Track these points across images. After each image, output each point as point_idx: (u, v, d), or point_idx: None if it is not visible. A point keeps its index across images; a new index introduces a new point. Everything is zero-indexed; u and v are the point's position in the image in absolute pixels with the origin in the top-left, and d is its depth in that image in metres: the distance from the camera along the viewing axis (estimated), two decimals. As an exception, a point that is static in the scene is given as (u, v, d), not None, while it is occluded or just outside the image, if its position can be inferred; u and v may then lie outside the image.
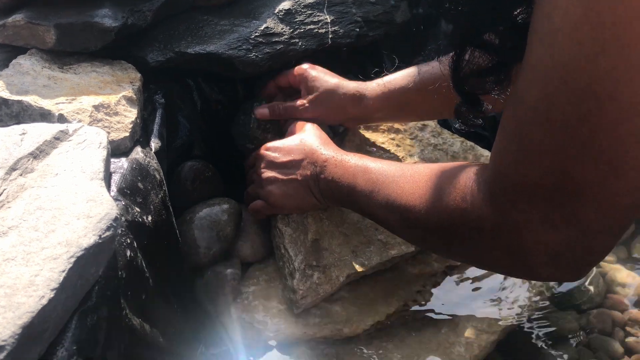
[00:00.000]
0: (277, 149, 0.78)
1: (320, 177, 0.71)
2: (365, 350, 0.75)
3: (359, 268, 0.75)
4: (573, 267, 0.44)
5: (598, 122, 0.37)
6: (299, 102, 0.84)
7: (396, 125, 0.91)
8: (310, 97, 0.83)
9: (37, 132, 0.57)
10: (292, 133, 0.80)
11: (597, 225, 0.41)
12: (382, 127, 0.90)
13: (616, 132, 0.37)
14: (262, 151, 0.79)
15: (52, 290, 0.42)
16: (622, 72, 0.35)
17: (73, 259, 0.45)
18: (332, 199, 0.72)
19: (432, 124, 0.92)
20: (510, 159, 0.43)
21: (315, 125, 0.80)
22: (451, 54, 0.49)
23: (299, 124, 0.81)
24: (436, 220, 0.53)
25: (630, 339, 0.80)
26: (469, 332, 0.77)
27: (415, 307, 0.79)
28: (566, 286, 0.86)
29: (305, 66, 0.85)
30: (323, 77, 0.83)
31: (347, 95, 0.82)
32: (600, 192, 0.39)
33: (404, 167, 0.61)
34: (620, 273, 0.89)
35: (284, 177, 0.75)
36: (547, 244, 0.42)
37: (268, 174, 0.77)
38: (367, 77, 1.03)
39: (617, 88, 0.36)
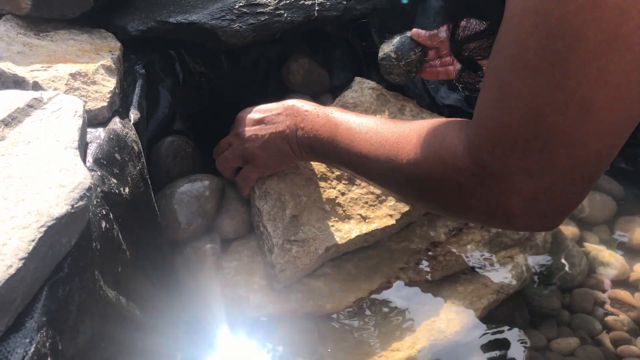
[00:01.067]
0: (256, 110, 0.76)
1: (300, 126, 0.70)
2: (346, 327, 0.75)
3: (338, 241, 0.75)
4: (548, 216, 0.46)
5: (567, 63, 0.38)
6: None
7: (374, 107, 0.89)
8: None
9: (10, 99, 0.55)
10: None
11: (572, 172, 0.42)
12: (360, 107, 0.89)
13: (584, 72, 0.38)
14: (240, 113, 0.78)
15: (20, 259, 0.41)
16: (588, 11, 0.36)
17: (43, 229, 0.44)
18: (309, 150, 0.70)
19: (410, 104, 0.91)
20: (490, 109, 0.45)
21: None
22: (448, 24, 0.50)
23: None
24: (417, 171, 0.53)
25: (609, 318, 0.81)
26: (450, 309, 0.77)
27: (398, 284, 0.79)
28: (549, 265, 0.86)
29: None
30: None
31: None
32: (573, 135, 0.40)
33: (388, 120, 0.61)
34: (603, 253, 0.89)
35: (263, 132, 0.73)
36: (524, 192, 0.44)
37: (248, 132, 0.75)
38: (355, 53, 1.02)
39: (584, 28, 0.37)
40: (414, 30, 0.81)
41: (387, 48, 0.84)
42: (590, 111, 0.39)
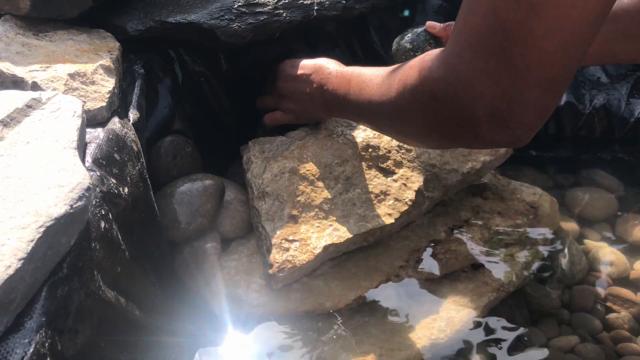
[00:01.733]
0: (293, 63, 0.84)
1: (324, 88, 0.76)
2: (346, 326, 0.75)
3: (336, 240, 0.75)
4: (510, 125, 0.47)
5: None
6: None
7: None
8: None
9: (8, 100, 0.55)
10: None
11: (527, 74, 0.44)
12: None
13: None
14: (281, 65, 0.86)
15: (19, 260, 0.41)
16: None
17: (42, 229, 0.44)
18: (335, 109, 0.77)
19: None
20: (461, 14, 0.47)
21: None
22: None
23: None
24: (403, 95, 0.56)
25: (610, 316, 0.81)
26: (450, 307, 0.77)
27: (398, 282, 0.79)
28: (549, 263, 0.86)
29: None
30: None
31: None
32: (524, 32, 0.43)
33: (391, 68, 0.63)
34: (603, 250, 0.89)
35: (296, 91, 0.82)
36: (485, 96, 0.46)
37: (285, 87, 0.84)
38: (353, 52, 1.02)
39: None
40: (429, 22, 0.86)
41: (402, 40, 0.87)
42: (536, 6, 0.41)
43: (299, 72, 0.82)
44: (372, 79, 0.66)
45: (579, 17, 0.42)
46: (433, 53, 0.52)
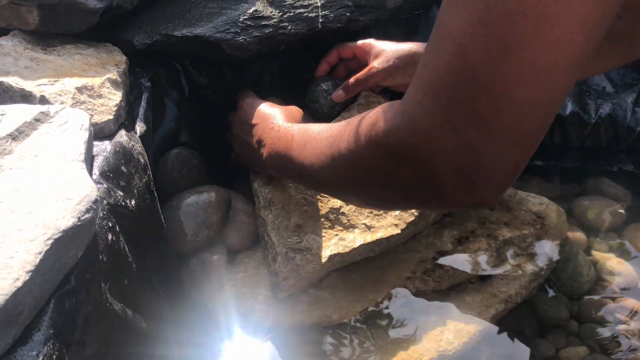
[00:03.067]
0: (252, 103, 0.80)
1: (263, 143, 0.72)
2: (353, 337, 0.75)
3: (342, 250, 0.74)
4: (476, 184, 0.42)
5: None
6: (368, 68, 0.86)
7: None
8: (378, 59, 0.85)
9: (17, 113, 0.56)
10: None
11: (495, 126, 0.40)
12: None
13: (505, 4, 0.37)
14: (241, 102, 0.82)
15: (27, 272, 0.41)
16: None
17: (50, 241, 0.44)
18: (273, 168, 0.72)
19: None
20: (425, 57, 0.43)
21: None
22: None
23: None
24: (354, 150, 0.50)
25: (620, 326, 0.80)
26: (458, 319, 0.76)
27: (405, 293, 0.78)
28: (557, 274, 0.85)
29: (370, 39, 0.89)
30: (389, 43, 0.86)
31: (412, 51, 0.83)
32: (494, 77, 0.38)
33: (343, 121, 0.57)
34: (611, 261, 0.88)
35: (244, 138, 0.78)
36: (449, 151, 0.41)
37: (236, 129, 0.81)
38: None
39: None
40: (336, 95, 0.88)
41: (311, 94, 0.89)
42: (509, 48, 0.37)
43: (250, 118, 0.76)
44: (320, 132, 0.59)
45: (555, 63, 0.38)
46: (393, 103, 0.47)
